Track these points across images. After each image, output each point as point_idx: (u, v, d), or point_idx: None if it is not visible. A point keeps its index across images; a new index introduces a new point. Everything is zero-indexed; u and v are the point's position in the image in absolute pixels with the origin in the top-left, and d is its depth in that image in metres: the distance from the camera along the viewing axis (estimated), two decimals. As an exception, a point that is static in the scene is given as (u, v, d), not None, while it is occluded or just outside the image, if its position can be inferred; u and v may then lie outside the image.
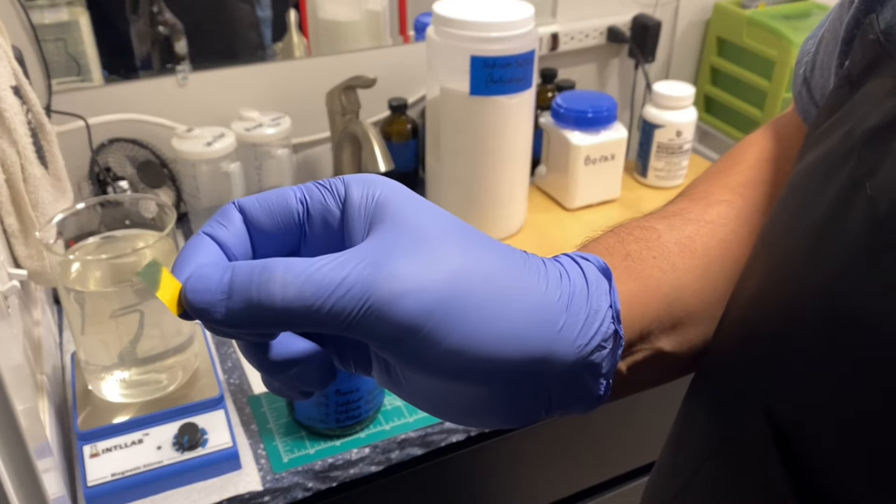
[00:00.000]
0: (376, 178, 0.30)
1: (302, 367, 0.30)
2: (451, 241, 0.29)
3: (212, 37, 1.12)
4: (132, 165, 1.04)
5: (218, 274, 0.27)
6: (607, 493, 1.03)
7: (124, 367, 0.73)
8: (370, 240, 0.28)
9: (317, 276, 0.26)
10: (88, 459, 0.69)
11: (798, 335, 0.28)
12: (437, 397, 0.31)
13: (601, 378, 0.32)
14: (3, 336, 0.57)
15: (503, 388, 0.30)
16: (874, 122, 0.27)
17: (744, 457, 0.30)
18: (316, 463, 0.74)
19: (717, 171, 0.44)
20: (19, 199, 0.71)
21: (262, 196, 0.30)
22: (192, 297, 0.27)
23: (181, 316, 0.27)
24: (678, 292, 0.35)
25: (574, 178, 1.12)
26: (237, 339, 0.30)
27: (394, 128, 1.16)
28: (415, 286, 0.27)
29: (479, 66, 0.94)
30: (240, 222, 0.30)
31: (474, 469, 0.87)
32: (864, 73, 0.30)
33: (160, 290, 0.27)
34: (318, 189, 0.30)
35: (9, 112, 0.68)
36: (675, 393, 0.41)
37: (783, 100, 1.23)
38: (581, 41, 1.28)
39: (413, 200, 0.30)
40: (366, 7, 1.17)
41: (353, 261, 0.27)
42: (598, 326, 0.31)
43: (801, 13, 1.29)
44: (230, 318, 0.27)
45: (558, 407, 0.32)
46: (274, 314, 0.26)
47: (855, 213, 0.26)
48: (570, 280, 0.31)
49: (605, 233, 0.38)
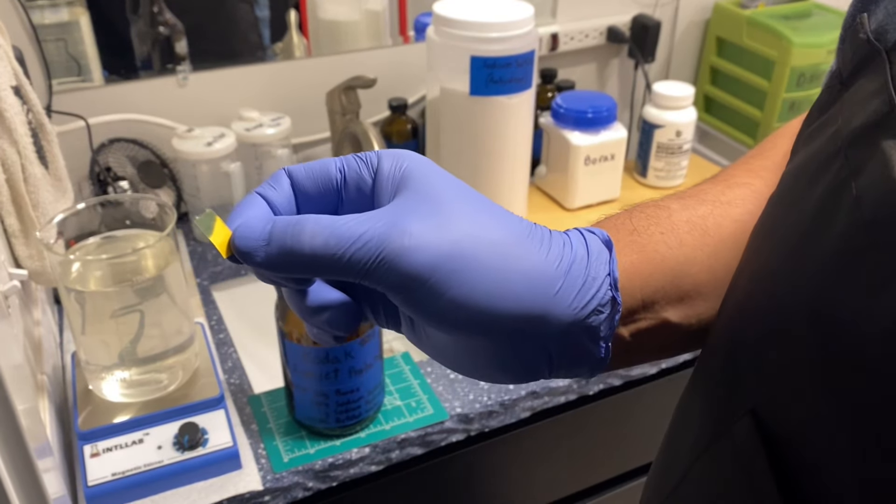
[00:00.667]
0: (406, 152, 0.34)
1: (333, 312, 0.34)
2: (464, 208, 0.32)
3: (212, 37, 1.12)
4: (132, 165, 1.04)
5: (261, 224, 0.31)
6: (607, 492, 1.03)
7: (125, 367, 0.73)
8: (392, 203, 0.32)
9: (341, 230, 0.30)
10: (89, 459, 0.69)
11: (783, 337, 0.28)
12: (453, 352, 0.35)
13: (600, 341, 0.34)
14: (4, 336, 0.57)
15: (504, 342, 0.33)
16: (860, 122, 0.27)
17: (732, 458, 0.30)
18: (316, 462, 0.74)
19: (748, 156, 0.45)
20: (20, 199, 0.71)
21: (308, 165, 0.34)
22: (238, 242, 0.31)
23: (229, 258, 0.32)
24: (685, 267, 0.36)
25: (574, 178, 1.12)
26: (279, 285, 0.34)
27: (394, 128, 1.16)
28: (423, 243, 0.30)
29: (479, 67, 0.94)
30: (287, 185, 0.34)
31: (474, 469, 0.87)
32: (853, 72, 0.30)
33: (213, 235, 0.32)
34: (355, 160, 0.34)
35: (9, 112, 0.68)
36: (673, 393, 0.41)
37: (783, 100, 1.23)
38: (581, 41, 1.29)
39: (435, 172, 0.33)
40: (366, 7, 1.17)
41: (373, 219, 0.31)
42: (595, 292, 0.33)
43: (801, 13, 1.29)
44: (268, 261, 0.31)
45: (561, 367, 0.35)
46: (303, 260, 0.30)
47: (841, 213, 0.26)
48: (573, 249, 0.33)
49: (621, 211, 0.40)
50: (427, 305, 0.31)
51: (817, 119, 0.33)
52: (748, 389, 0.30)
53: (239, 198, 1.04)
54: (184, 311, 0.75)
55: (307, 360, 0.72)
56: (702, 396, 0.36)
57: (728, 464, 0.31)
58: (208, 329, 0.90)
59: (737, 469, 0.30)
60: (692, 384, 0.38)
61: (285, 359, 0.74)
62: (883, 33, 0.29)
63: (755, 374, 0.30)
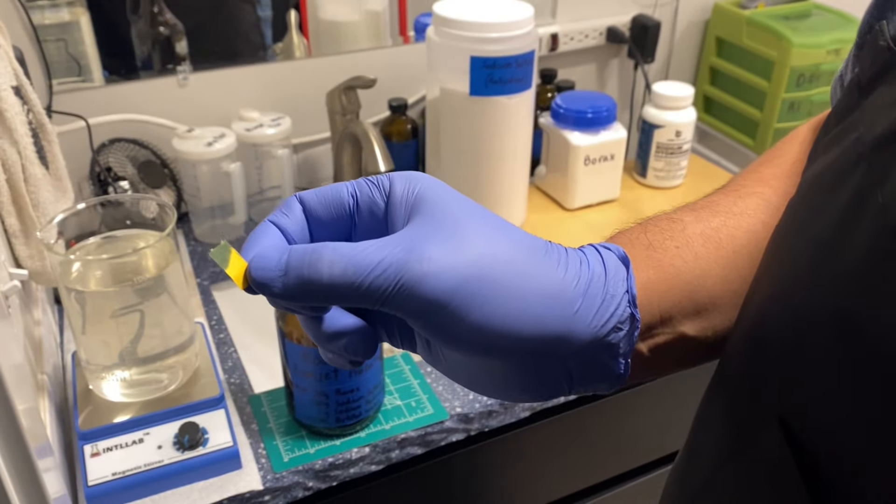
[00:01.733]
0: (418, 174, 0.34)
1: (349, 338, 0.33)
2: (479, 230, 0.32)
3: (215, 38, 1.12)
4: (133, 165, 1.04)
5: (277, 255, 0.31)
6: (607, 492, 1.03)
7: (125, 367, 0.73)
8: (407, 228, 0.32)
9: (358, 257, 0.30)
10: (89, 459, 0.69)
11: (808, 344, 0.28)
12: (471, 373, 0.34)
13: (619, 358, 0.34)
14: (4, 336, 0.57)
15: (525, 363, 0.33)
16: (883, 129, 0.27)
17: (759, 465, 0.30)
18: (316, 462, 0.74)
19: (757, 164, 0.45)
20: (20, 200, 0.71)
21: (320, 190, 0.34)
22: (255, 273, 0.31)
23: (246, 290, 0.32)
24: (701, 280, 0.36)
25: (574, 178, 1.12)
26: (295, 313, 0.33)
27: (394, 128, 1.16)
28: (442, 268, 0.30)
29: (479, 67, 0.94)
30: (300, 212, 0.34)
31: (474, 469, 0.87)
32: (873, 79, 0.30)
33: (229, 267, 0.31)
34: (367, 184, 0.34)
35: (10, 112, 0.68)
36: (673, 394, 0.41)
37: (782, 100, 1.23)
38: (581, 41, 1.29)
39: (448, 195, 0.33)
40: (366, 7, 1.17)
41: (390, 245, 0.31)
42: (614, 310, 0.33)
43: (801, 13, 1.29)
44: (286, 291, 0.31)
45: (581, 384, 0.34)
46: (322, 289, 0.30)
47: (865, 220, 0.26)
48: (590, 267, 0.33)
49: (634, 225, 0.40)
50: (447, 330, 0.31)
51: (836, 126, 0.33)
52: (773, 395, 0.30)
53: (239, 198, 1.04)
54: (184, 311, 0.75)
55: (307, 360, 0.72)
56: (723, 403, 0.36)
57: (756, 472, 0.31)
58: (208, 329, 0.91)
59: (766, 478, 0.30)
60: (712, 391, 0.38)
61: (285, 359, 0.74)
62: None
63: (780, 379, 0.30)
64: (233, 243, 0.44)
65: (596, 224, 1.12)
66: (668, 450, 1.04)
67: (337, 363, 0.35)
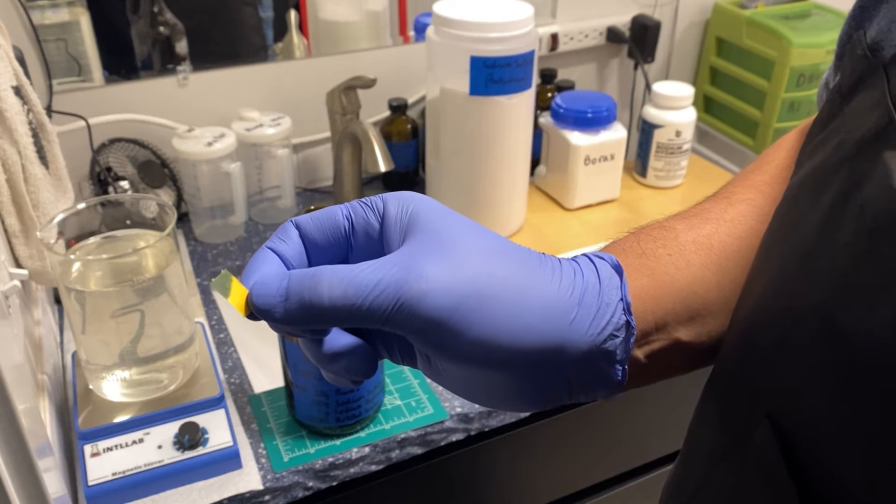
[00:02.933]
0: (411, 194, 0.35)
1: (350, 358, 0.34)
2: (474, 247, 0.32)
3: (217, 39, 1.12)
4: (133, 165, 1.04)
5: (277, 281, 0.32)
6: (607, 492, 1.03)
7: (125, 367, 0.73)
8: (403, 247, 0.32)
9: (357, 279, 0.31)
10: (89, 459, 0.69)
11: (792, 345, 0.29)
12: (471, 385, 0.35)
13: (617, 364, 0.34)
14: (4, 336, 0.57)
15: (525, 374, 0.33)
16: (862, 134, 0.28)
17: (750, 463, 0.31)
18: (316, 462, 0.74)
19: (746, 172, 0.45)
20: (20, 199, 0.71)
21: (315, 214, 0.35)
22: (256, 300, 0.32)
23: (248, 317, 0.32)
24: (694, 287, 0.37)
25: (574, 178, 1.12)
26: (297, 337, 0.34)
27: (394, 128, 1.16)
28: (440, 286, 0.31)
29: (479, 67, 0.94)
30: (296, 237, 0.35)
31: (474, 469, 0.87)
32: (853, 86, 0.31)
33: (231, 295, 0.32)
34: (361, 207, 0.35)
35: (10, 112, 0.68)
36: (672, 394, 0.41)
37: (782, 100, 1.23)
38: (581, 41, 1.29)
39: (442, 213, 0.34)
40: (366, 7, 1.17)
41: (387, 265, 0.31)
42: (610, 318, 0.34)
43: (801, 13, 1.29)
44: (288, 317, 0.31)
45: (580, 391, 0.35)
46: (323, 312, 0.31)
47: (846, 223, 0.27)
48: (584, 277, 0.34)
49: (627, 233, 0.40)
50: (447, 346, 0.31)
51: (820, 132, 0.33)
52: (763, 396, 0.31)
53: (239, 197, 1.04)
54: (184, 311, 0.75)
55: (307, 360, 0.72)
56: (718, 404, 0.37)
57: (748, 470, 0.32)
58: (208, 329, 0.91)
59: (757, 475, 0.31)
60: (708, 393, 0.39)
61: (285, 358, 0.74)
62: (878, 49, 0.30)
63: (769, 380, 0.30)
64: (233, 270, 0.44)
65: (596, 224, 1.13)
66: (667, 450, 1.04)
67: (339, 383, 0.36)
